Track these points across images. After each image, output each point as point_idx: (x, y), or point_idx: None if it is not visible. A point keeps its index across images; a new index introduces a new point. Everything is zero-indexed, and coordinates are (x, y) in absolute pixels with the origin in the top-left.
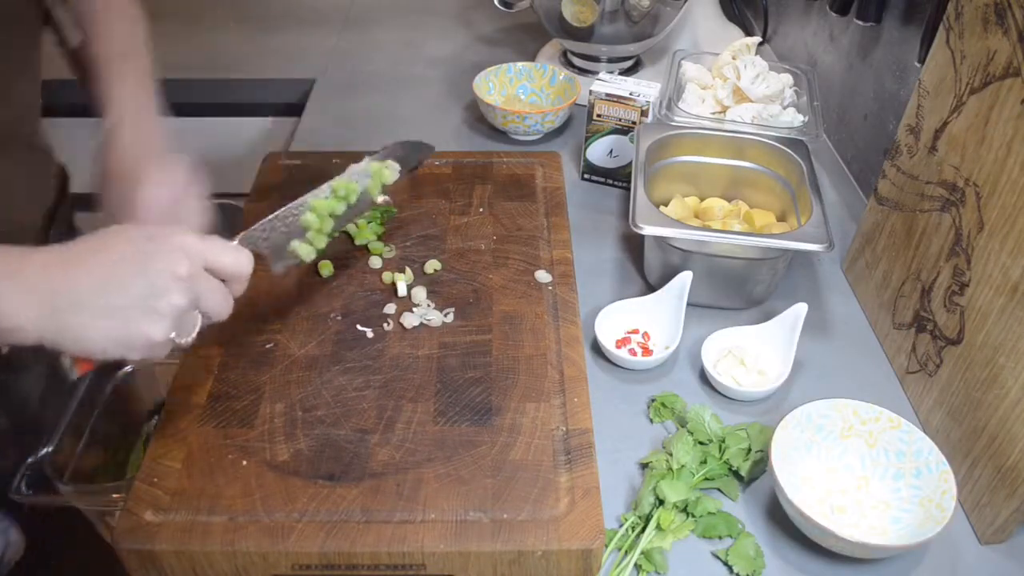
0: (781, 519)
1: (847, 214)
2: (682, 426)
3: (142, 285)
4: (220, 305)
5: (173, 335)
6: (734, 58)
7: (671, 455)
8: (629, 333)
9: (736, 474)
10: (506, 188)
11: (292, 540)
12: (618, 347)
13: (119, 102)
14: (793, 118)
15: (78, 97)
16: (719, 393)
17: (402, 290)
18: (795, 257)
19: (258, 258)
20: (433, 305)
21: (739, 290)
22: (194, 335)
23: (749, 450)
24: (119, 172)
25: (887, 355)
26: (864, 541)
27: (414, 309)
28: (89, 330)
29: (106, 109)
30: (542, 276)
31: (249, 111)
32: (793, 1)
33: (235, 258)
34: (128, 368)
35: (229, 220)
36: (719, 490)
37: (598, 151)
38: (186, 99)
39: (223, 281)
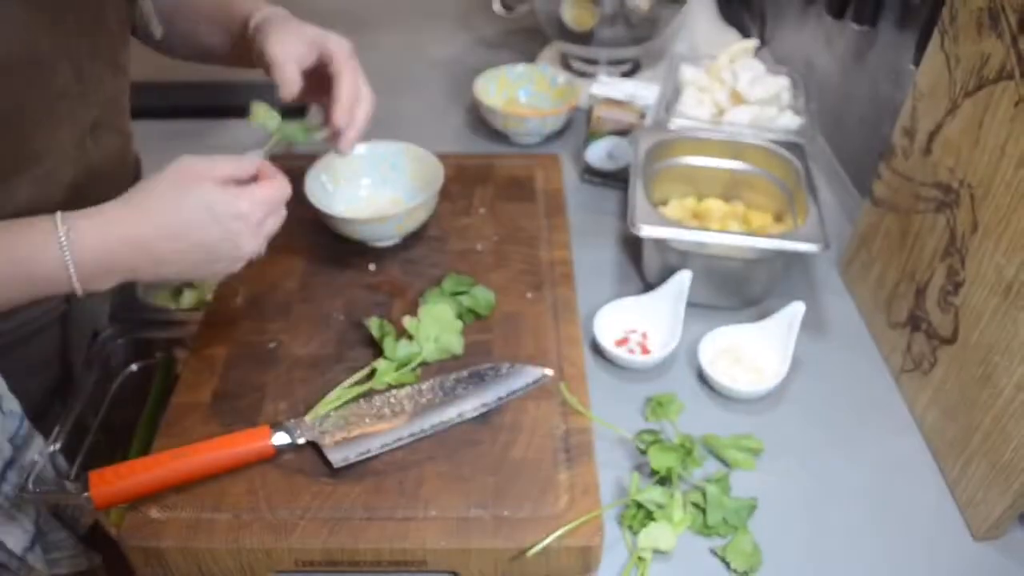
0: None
1: (843, 215)
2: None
3: (216, 265)
4: (277, 227)
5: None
6: (732, 61)
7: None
8: (628, 332)
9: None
10: (507, 190)
11: (295, 537)
12: (617, 346)
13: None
14: (790, 121)
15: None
16: (716, 392)
17: None
18: (792, 258)
19: None
20: None
21: (737, 290)
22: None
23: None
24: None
25: (882, 354)
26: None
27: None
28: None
29: (244, 10)
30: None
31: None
32: (790, 5)
33: (282, 193)
34: (134, 367)
35: None
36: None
37: (597, 153)
38: (187, 101)
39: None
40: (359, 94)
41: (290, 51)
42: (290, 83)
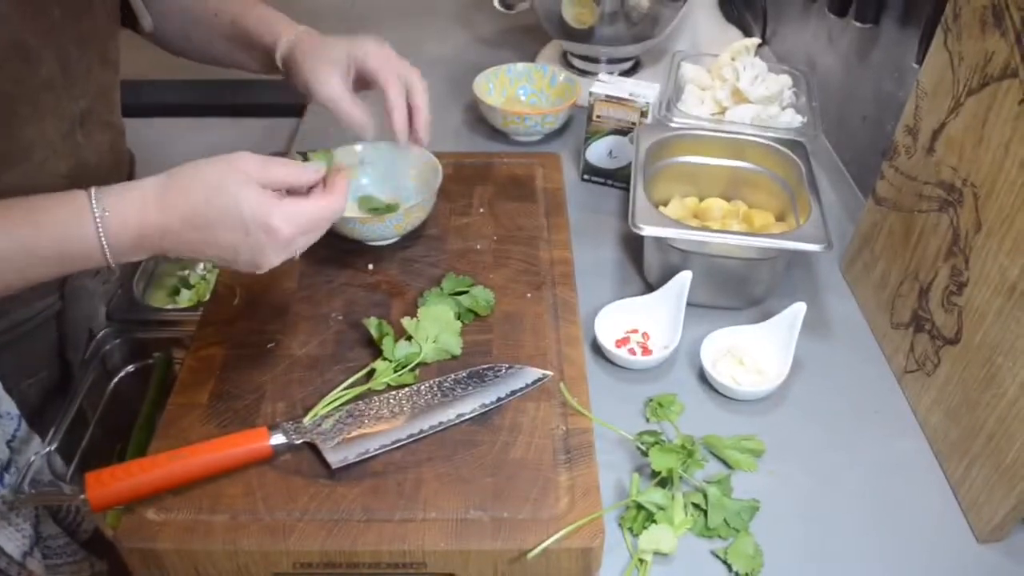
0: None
1: (845, 214)
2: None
3: (235, 265)
4: (310, 243)
5: None
6: (733, 59)
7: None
8: (628, 333)
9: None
10: (506, 189)
11: (293, 539)
12: (618, 347)
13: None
14: (792, 119)
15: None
16: (718, 392)
17: None
18: (794, 257)
19: None
20: None
21: (738, 290)
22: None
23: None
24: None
25: (885, 355)
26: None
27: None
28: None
29: (278, 25)
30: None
31: (250, 112)
32: (792, 3)
33: (331, 212)
34: (130, 367)
35: None
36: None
37: (598, 152)
38: (187, 100)
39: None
40: (412, 92)
41: (337, 86)
42: (356, 120)
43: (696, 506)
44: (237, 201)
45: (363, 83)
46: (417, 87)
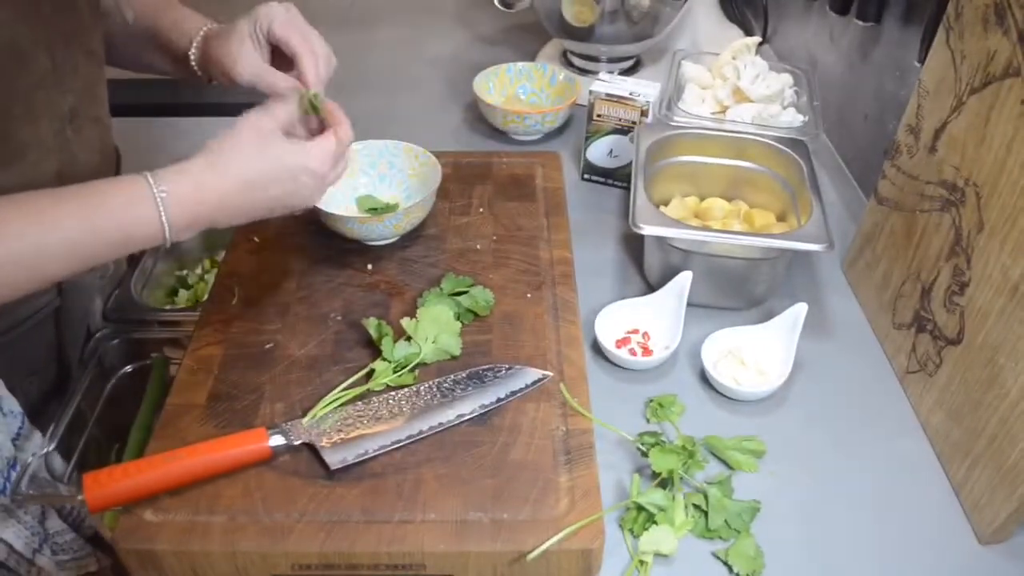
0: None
1: (847, 214)
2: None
3: (279, 211)
4: (341, 175)
5: None
6: (734, 58)
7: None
8: (629, 333)
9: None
10: (506, 188)
11: (292, 540)
12: (618, 347)
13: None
14: (793, 118)
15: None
16: (719, 393)
17: None
18: (795, 257)
19: None
20: None
21: (739, 290)
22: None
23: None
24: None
25: (887, 355)
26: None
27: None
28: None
29: (191, 24)
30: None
31: (236, 111)
32: (793, 1)
33: (346, 140)
34: (128, 368)
35: None
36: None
37: (598, 151)
38: (185, 99)
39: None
40: (321, 57)
41: (252, 62)
42: (280, 87)
43: (697, 507)
44: (279, 155)
45: (282, 59)
46: (325, 60)
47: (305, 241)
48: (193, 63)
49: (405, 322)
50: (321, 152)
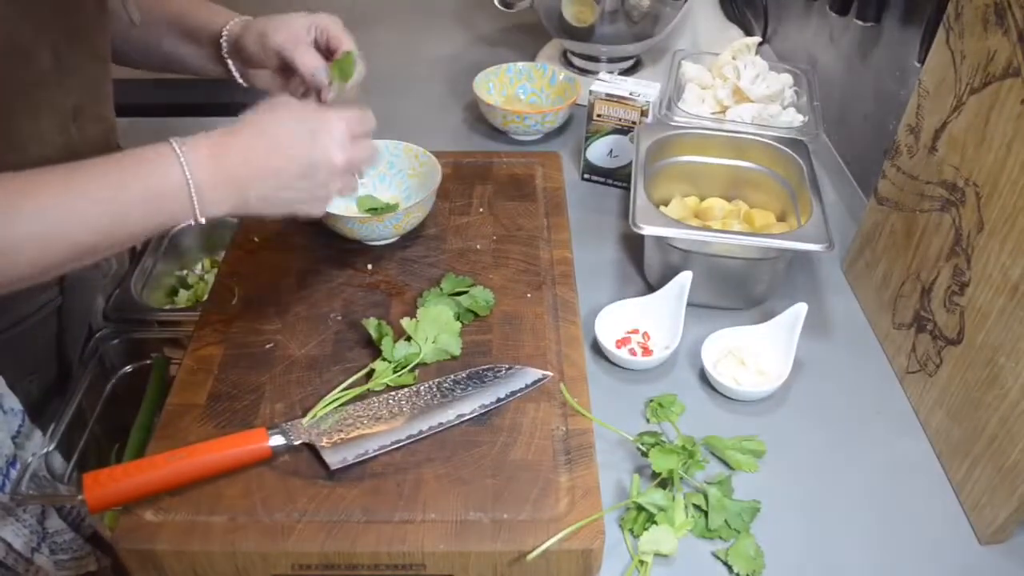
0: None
1: (847, 214)
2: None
3: (309, 185)
4: (370, 160)
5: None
6: (734, 58)
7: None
8: (629, 333)
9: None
10: (506, 188)
11: (292, 540)
12: (618, 347)
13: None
14: (793, 118)
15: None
16: (719, 393)
17: None
18: (795, 257)
19: None
20: None
21: (739, 290)
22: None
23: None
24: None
25: (887, 355)
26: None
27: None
28: (267, 213)
29: (220, 19)
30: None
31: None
32: (793, 1)
33: (369, 120)
34: (129, 368)
35: None
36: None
37: (598, 151)
38: (186, 99)
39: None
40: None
41: (298, 32)
42: (309, 64)
43: (697, 507)
44: (297, 116)
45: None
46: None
47: (305, 241)
48: (224, 41)
49: (405, 322)
50: (339, 118)
